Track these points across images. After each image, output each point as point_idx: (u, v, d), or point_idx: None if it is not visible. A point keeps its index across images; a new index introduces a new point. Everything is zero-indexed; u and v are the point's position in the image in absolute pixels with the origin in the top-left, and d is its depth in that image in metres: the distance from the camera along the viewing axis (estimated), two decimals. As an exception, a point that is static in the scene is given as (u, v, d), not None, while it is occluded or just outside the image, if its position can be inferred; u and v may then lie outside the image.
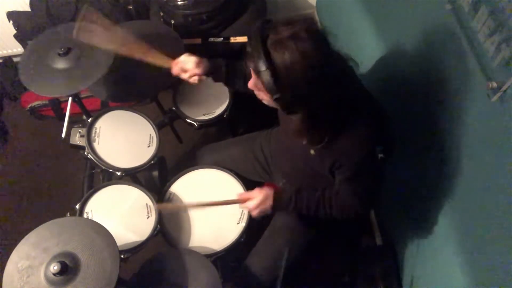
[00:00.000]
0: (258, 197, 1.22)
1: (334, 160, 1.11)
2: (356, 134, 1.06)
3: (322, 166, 1.16)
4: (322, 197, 1.22)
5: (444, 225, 1.22)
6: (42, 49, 1.43)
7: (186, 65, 1.28)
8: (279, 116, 1.33)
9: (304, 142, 1.10)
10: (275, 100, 0.98)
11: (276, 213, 1.43)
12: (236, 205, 1.36)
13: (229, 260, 1.54)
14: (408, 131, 1.36)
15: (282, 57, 0.91)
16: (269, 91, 0.96)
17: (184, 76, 1.30)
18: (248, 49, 0.96)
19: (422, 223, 1.35)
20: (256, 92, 1.08)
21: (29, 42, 1.47)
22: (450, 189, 1.16)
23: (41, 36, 1.49)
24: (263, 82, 0.95)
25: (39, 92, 1.40)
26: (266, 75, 0.92)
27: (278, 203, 1.23)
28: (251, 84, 1.06)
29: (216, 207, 1.45)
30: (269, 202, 1.22)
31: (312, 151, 1.15)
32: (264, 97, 1.05)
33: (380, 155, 1.07)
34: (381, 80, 1.49)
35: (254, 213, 1.25)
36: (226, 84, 1.39)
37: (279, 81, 0.93)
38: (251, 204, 1.23)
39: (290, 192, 1.24)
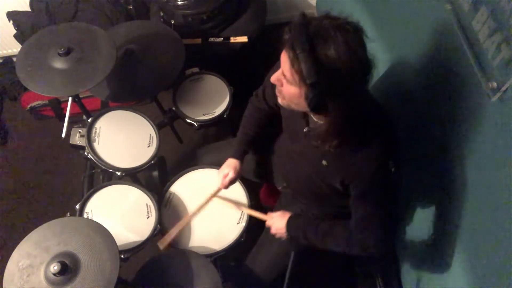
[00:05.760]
0: (273, 218, 1.31)
1: (345, 173, 1.09)
2: (368, 148, 1.03)
3: (333, 178, 1.12)
4: (335, 228, 1.19)
5: (444, 224, 1.22)
6: (40, 46, 1.42)
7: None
8: (284, 123, 1.30)
9: (327, 147, 1.03)
10: (311, 85, 0.88)
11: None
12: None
13: (229, 260, 1.54)
14: (406, 132, 1.36)
15: (325, 43, 0.87)
16: (307, 75, 0.87)
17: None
18: (286, 35, 0.91)
19: (422, 223, 1.35)
20: (278, 89, 1.01)
21: (28, 39, 1.45)
22: (450, 189, 1.16)
23: (39, 34, 1.47)
24: (298, 68, 0.88)
25: (36, 90, 1.37)
26: (306, 58, 0.86)
27: (291, 229, 1.26)
28: (274, 78, 0.99)
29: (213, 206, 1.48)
30: (282, 224, 1.27)
31: (324, 162, 1.12)
32: (290, 91, 0.97)
33: (393, 169, 1.04)
34: (380, 81, 1.49)
35: (272, 231, 1.32)
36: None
37: (319, 66, 0.86)
38: (268, 222, 1.33)
39: (300, 222, 1.26)
